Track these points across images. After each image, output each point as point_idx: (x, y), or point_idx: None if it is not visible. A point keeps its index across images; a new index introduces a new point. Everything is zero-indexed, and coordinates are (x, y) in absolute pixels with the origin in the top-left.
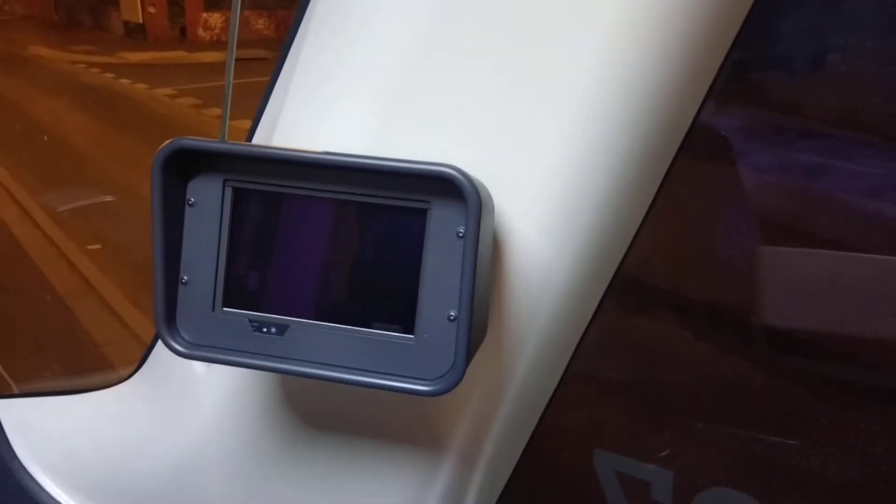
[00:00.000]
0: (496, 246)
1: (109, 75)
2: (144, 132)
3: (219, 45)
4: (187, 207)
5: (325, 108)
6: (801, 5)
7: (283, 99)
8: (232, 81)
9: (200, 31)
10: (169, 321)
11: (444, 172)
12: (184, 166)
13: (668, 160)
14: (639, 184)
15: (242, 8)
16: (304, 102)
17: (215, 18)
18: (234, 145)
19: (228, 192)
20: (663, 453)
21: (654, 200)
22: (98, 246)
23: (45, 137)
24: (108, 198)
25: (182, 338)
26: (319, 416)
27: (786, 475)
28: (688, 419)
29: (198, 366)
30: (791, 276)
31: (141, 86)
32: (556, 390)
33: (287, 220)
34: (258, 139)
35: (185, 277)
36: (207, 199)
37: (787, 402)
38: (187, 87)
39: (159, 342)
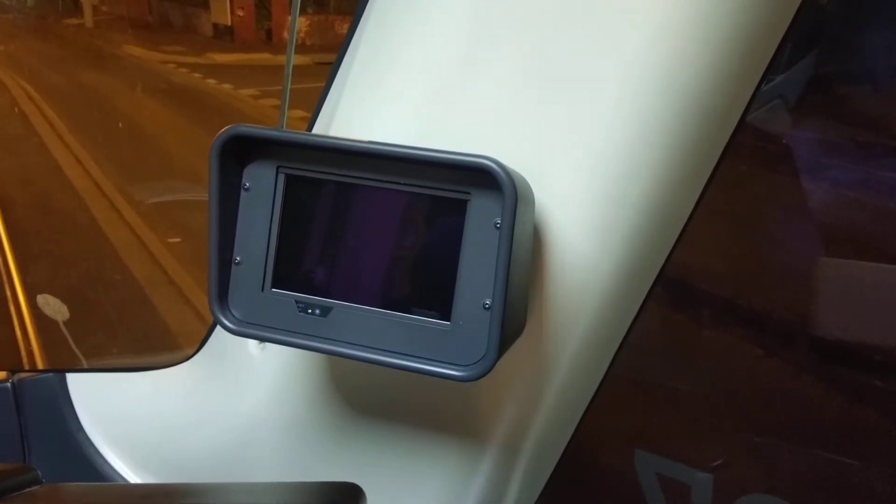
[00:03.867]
0: (538, 241)
1: (197, 75)
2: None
3: (303, 48)
4: (242, 192)
5: (377, 106)
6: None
7: (339, 97)
8: (291, 75)
9: (286, 34)
10: (222, 299)
11: (482, 164)
12: (240, 152)
13: (713, 159)
14: (683, 182)
15: (327, 12)
16: (358, 100)
17: (301, 21)
18: (286, 133)
19: (281, 178)
20: (716, 462)
21: (700, 199)
22: (178, 239)
23: (120, 124)
24: (190, 195)
25: (233, 315)
26: (366, 402)
27: (828, 486)
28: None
29: (252, 347)
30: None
31: (226, 86)
32: (599, 389)
33: (334, 206)
34: (316, 132)
35: (238, 258)
36: (262, 185)
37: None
38: (270, 89)
39: (218, 327)
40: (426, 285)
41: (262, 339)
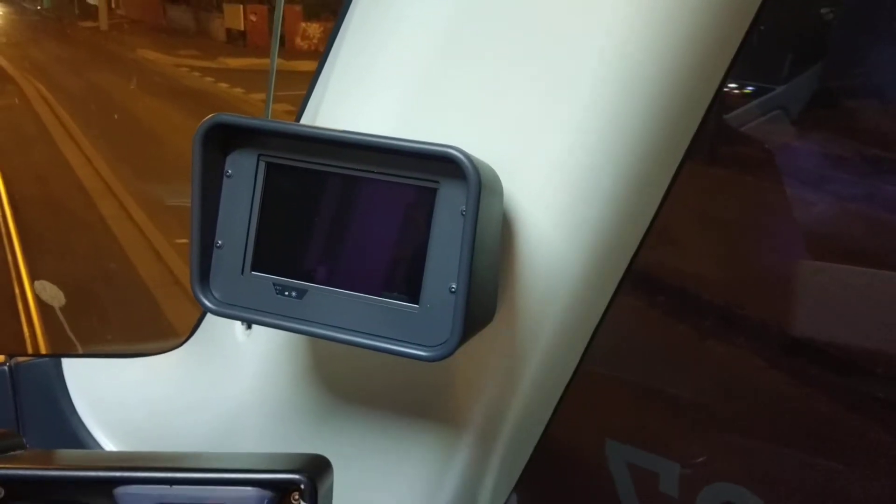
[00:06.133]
0: (510, 232)
1: (209, 79)
2: None
3: (316, 54)
4: (225, 178)
5: (359, 100)
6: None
7: (323, 92)
8: (275, 70)
9: (298, 41)
10: (203, 281)
11: (449, 153)
12: (224, 141)
13: (679, 154)
14: (650, 176)
15: (326, 18)
16: (342, 95)
17: (314, 28)
18: (267, 122)
19: (262, 166)
20: (699, 459)
21: (667, 194)
22: (186, 241)
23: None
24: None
25: (213, 296)
26: (348, 388)
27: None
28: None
29: (239, 334)
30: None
31: (238, 90)
32: (572, 379)
33: (312, 194)
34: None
35: (220, 242)
36: (243, 172)
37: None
38: (281, 94)
39: (206, 316)
40: (397, 270)
41: (241, 319)
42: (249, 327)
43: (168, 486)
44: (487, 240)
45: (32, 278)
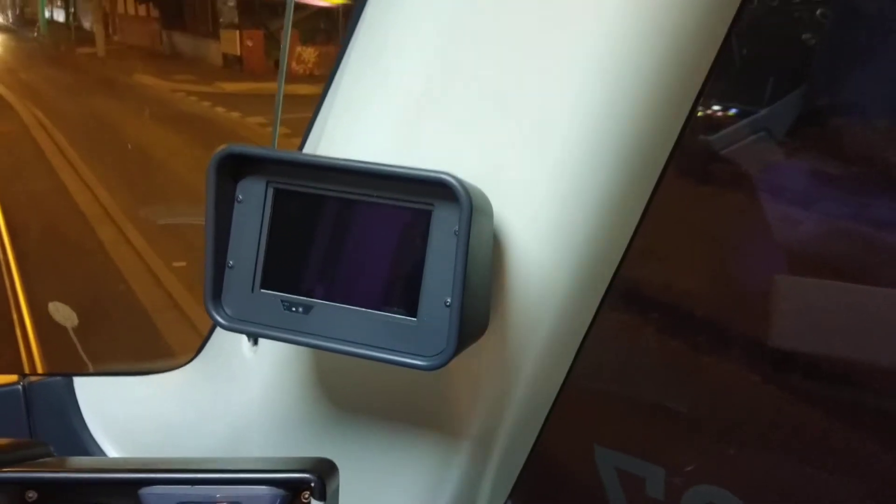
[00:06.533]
0: (501, 251)
1: (206, 103)
2: None
3: (312, 78)
4: (236, 204)
5: (358, 127)
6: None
7: (325, 119)
8: (282, 100)
9: (294, 65)
10: (216, 298)
11: (442, 178)
12: (235, 169)
13: (657, 170)
14: (628, 194)
15: (326, 44)
16: (342, 122)
17: (309, 53)
18: (275, 152)
19: (270, 191)
20: (689, 468)
21: (647, 208)
22: (183, 263)
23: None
24: (195, 220)
25: (225, 313)
26: (350, 400)
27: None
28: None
29: (246, 350)
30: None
31: (235, 114)
32: (562, 388)
33: (316, 216)
34: (307, 151)
35: (231, 262)
36: (253, 197)
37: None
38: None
39: (214, 333)
40: (396, 286)
41: (252, 334)
42: (256, 343)
43: (189, 486)
44: (479, 257)
45: (30, 305)
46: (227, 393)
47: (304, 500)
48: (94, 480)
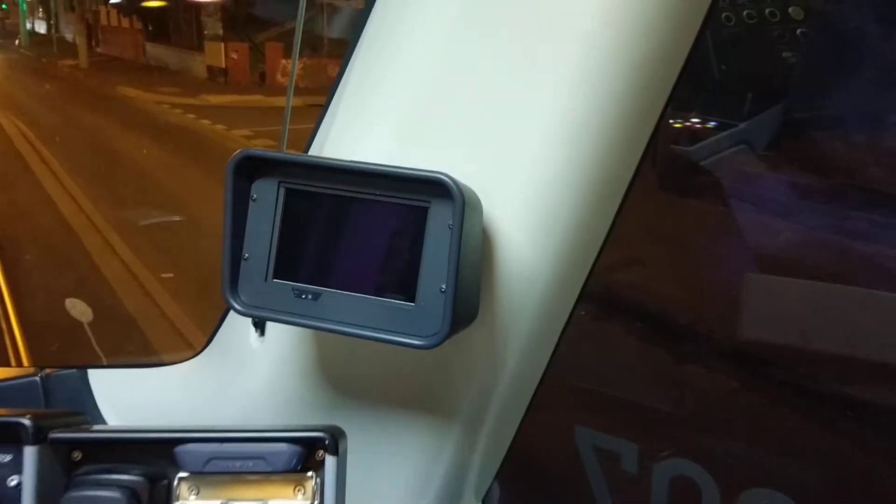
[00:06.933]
0: (489, 244)
1: (191, 115)
2: (220, 167)
3: (296, 90)
4: (251, 202)
5: (361, 130)
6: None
7: (331, 123)
8: (290, 108)
9: (279, 77)
10: (233, 287)
11: (438, 178)
12: (250, 171)
13: (631, 170)
14: (606, 190)
15: (320, 56)
16: (346, 126)
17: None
18: (286, 155)
19: (282, 191)
20: (664, 454)
21: (622, 204)
22: (171, 274)
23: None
24: (175, 217)
25: (242, 300)
26: (351, 385)
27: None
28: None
29: (253, 341)
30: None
31: (219, 126)
32: (545, 373)
33: (324, 213)
34: (312, 152)
35: (247, 255)
36: (266, 196)
37: None
38: (263, 129)
39: (222, 326)
40: (396, 274)
41: (266, 319)
42: (263, 334)
43: (218, 444)
44: (470, 249)
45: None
46: (236, 381)
47: (319, 457)
48: (133, 440)
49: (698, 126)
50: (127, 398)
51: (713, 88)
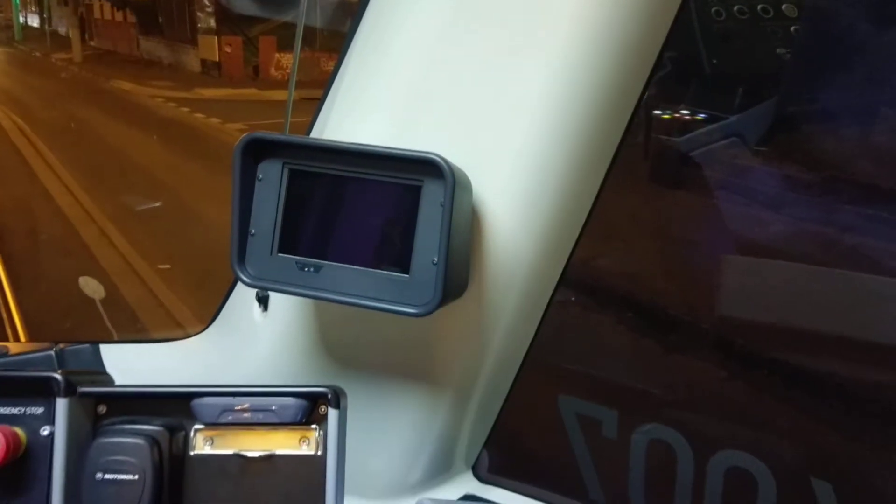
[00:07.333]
0: (478, 222)
1: (185, 109)
2: (216, 161)
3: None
4: (257, 182)
5: (360, 114)
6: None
7: (330, 110)
8: (293, 94)
9: (273, 71)
10: (241, 261)
11: (430, 158)
12: (256, 153)
13: (610, 153)
14: (589, 172)
15: (313, 49)
16: (345, 113)
17: (287, 59)
18: (290, 137)
19: (286, 171)
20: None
21: (603, 184)
22: (168, 266)
23: (94, 146)
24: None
25: (249, 273)
26: (347, 355)
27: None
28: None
29: (256, 315)
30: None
31: (214, 120)
32: (531, 344)
33: (325, 191)
34: (314, 135)
35: (254, 231)
36: (271, 176)
37: None
38: (257, 123)
39: (227, 303)
40: (392, 248)
41: (271, 290)
42: (266, 309)
43: (232, 398)
44: (460, 224)
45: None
46: (240, 353)
47: (322, 412)
48: (154, 394)
49: (688, 118)
50: (137, 371)
51: (706, 82)
